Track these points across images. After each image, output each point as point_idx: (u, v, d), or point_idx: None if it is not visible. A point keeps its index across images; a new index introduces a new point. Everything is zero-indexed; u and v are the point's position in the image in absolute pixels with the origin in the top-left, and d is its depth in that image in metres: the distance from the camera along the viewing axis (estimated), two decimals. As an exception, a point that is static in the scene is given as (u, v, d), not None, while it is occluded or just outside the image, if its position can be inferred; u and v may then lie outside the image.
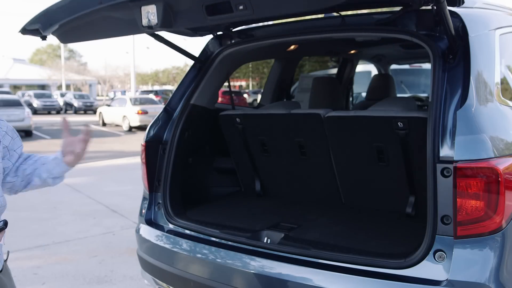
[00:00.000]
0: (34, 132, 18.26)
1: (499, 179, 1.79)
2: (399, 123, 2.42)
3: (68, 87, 51.29)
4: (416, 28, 2.29)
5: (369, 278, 1.94)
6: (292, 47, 3.80)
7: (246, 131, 3.10)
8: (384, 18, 2.38)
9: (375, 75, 5.45)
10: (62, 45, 58.03)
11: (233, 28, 2.90)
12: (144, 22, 2.09)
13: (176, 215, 2.69)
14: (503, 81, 2.24)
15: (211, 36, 3.03)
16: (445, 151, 1.86)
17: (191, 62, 3.15)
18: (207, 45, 3.05)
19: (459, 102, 1.93)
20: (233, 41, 2.95)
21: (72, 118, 28.53)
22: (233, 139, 3.20)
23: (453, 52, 2.05)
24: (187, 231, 2.58)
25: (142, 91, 36.91)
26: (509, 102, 2.21)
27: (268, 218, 2.70)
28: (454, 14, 2.11)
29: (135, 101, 20.53)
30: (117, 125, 20.82)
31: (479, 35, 2.15)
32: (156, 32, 2.49)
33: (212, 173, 3.32)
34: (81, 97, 36.05)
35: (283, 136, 2.99)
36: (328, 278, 2.01)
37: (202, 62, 2.99)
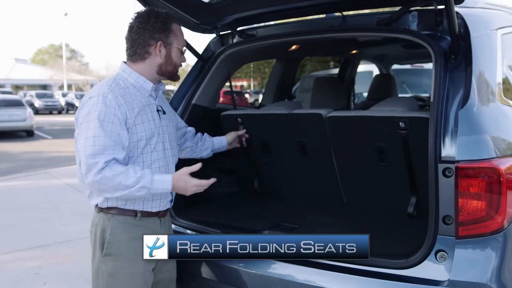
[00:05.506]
0: (35, 132, 18.30)
1: (501, 179, 1.79)
2: (400, 123, 2.42)
3: (69, 87, 51.35)
4: (417, 28, 2.29)
5: (370, 278, 1.94)
6: (294, 47, 3.79)
7: (248, 131, 3.10)
8: (385, 18, 2.37)
9: (377, 75, 5.44)
10: (64, 45, 58.30)
11: (237, 27, 2.90)
12: None
13: (178, 215, 2.69)
14: (505, 81, 2.24)
15: (213, 35, 3.03)
16: (446, 151, 1.86)
17: (192, 63, 3.16)
18: (208, 45, 3.05)
19: (461, 102, 1.93)
20: (234, 41, 2.96)
21: (74, 118, 28.52)
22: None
23: (455, 52, 2.05)
24: (188, 231, 2.59)
25: (143, 91, 36.78)
26: (511, 102, 2.20)
27: (269, 218, 2.70)
28: (456, 14, 2.11)
29: (137, 101, 20.48)
30: (118, 125, 20.79)
31: (481, 35, 2.14)
32: None
33: (213, 173, 3.31)
34: (83, 97, 36.05)
35: (284, 136, 2.99)
36: (330, 278, 2.01)
37: (204, 61, 2.99)
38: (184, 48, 2.17)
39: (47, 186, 8.13)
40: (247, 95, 25.47)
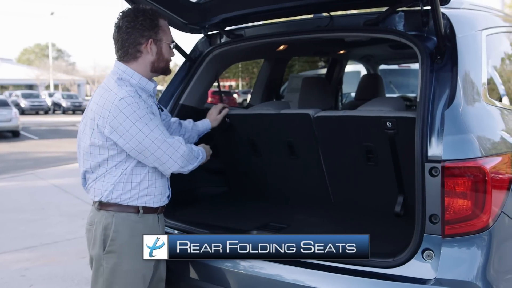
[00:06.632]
0: (21, 132, 18.10)
1: (486, 178, 1.81)
2: (387, 123, 2.44)
3: (56, 87, 50.87)
4: (404, 29, 2.30)
5: (358, 277, 1.94)
6: (282, 47, 3.80)
7: (236, 131, 3.10)
8: (372, 19, 2.39)
9: (364, 75, 5.47)
10: (50, 44, 57.70)
11: (225, 27, 2.90)
12: None
13: (166, 215, 2.67)
14: (490, 81, 2.26)
15: (200, 35, 3.03)
16: (433, 151, 1.88)
17: (180, 63, 3.15)
18: (196, 45, 3.05)
19: (446, 102, 1.94)
20: (222, 41, 2.95)
21: (61, 119, 28.29)
22: (223, 139, 3.20)
23: (441, 53, 2.07)
24: (177, 232, 2.58)
25: (131, 91, 36.54)
26: (496, 102, 2.23)
27: (257, 218, 2.70)
28: (442, 15, 2.13)
29: (124, 101, 20.34)
30: (106, 125, 20.65)
31: (466, 35, 2.17)
32: None
33: (202, 173, 3.31)
34: (70, 97, 35.85)
35: (272, 136, 2.99)
36: (318, 277, 2.02)
37: (192, 61, 2.99)
38: (173, 42, 2.21)
39: (34, 187, 8.05)
40: (235, 95, 25.44)
